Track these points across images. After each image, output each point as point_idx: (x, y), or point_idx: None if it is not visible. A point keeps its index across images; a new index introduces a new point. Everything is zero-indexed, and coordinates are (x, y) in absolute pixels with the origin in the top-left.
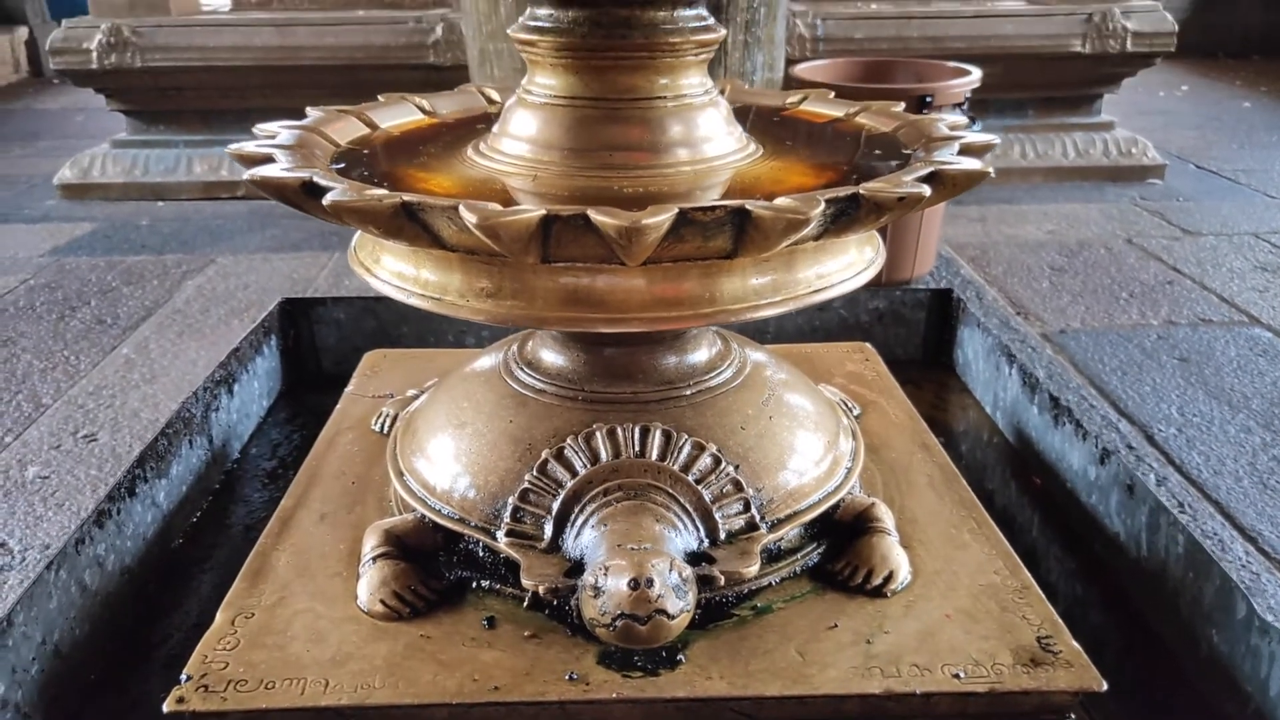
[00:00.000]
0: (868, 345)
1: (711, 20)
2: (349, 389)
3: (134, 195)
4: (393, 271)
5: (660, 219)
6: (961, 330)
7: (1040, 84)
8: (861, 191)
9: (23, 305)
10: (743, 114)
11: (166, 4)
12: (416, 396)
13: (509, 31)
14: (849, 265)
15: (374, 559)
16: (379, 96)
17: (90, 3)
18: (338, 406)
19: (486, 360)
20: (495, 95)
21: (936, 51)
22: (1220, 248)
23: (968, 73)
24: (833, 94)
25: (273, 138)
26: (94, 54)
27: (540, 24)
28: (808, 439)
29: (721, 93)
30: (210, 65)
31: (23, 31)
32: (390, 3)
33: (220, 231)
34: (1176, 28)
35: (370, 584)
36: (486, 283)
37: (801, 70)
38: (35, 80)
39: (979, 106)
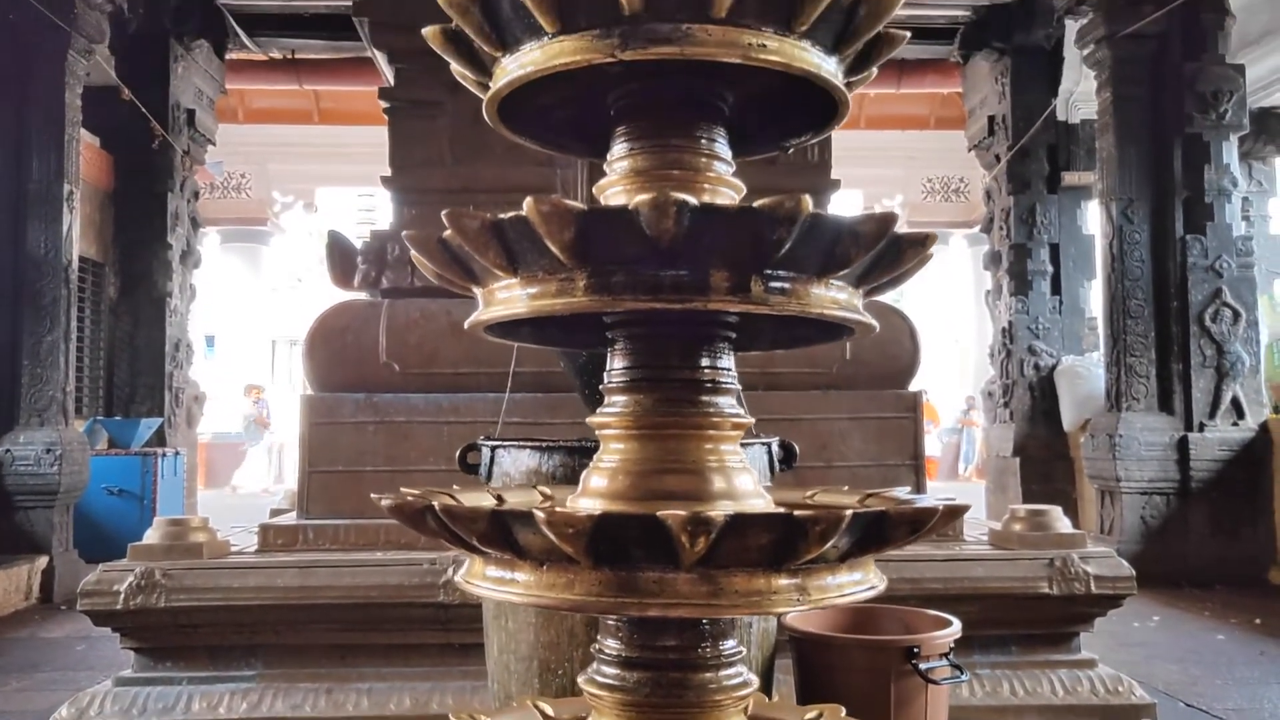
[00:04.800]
0: None
1: (747, 673)
2: None
3: None
4: None
5: None
6: None
7: (1018, 621)
8: None
9: None
10: None
11: (200, 548)
12: None
13: (580, 682)
14: None
15: None
16: None
17: (129, 549)
18: None
19: None
20: (549, 709)
21: (916, 592)
22: None
23: (949, 623)
24: (843, 710)
25: None
26: (122, 595)
27: (607, 680)
28: None
29: None
30: (230, 605)
31: (43, 560)
32: (405, 543)
33: None
34: (1134, 573)
35: None
36: None
37: (793, 620)
38: (43, 606)
39: (965, 642)
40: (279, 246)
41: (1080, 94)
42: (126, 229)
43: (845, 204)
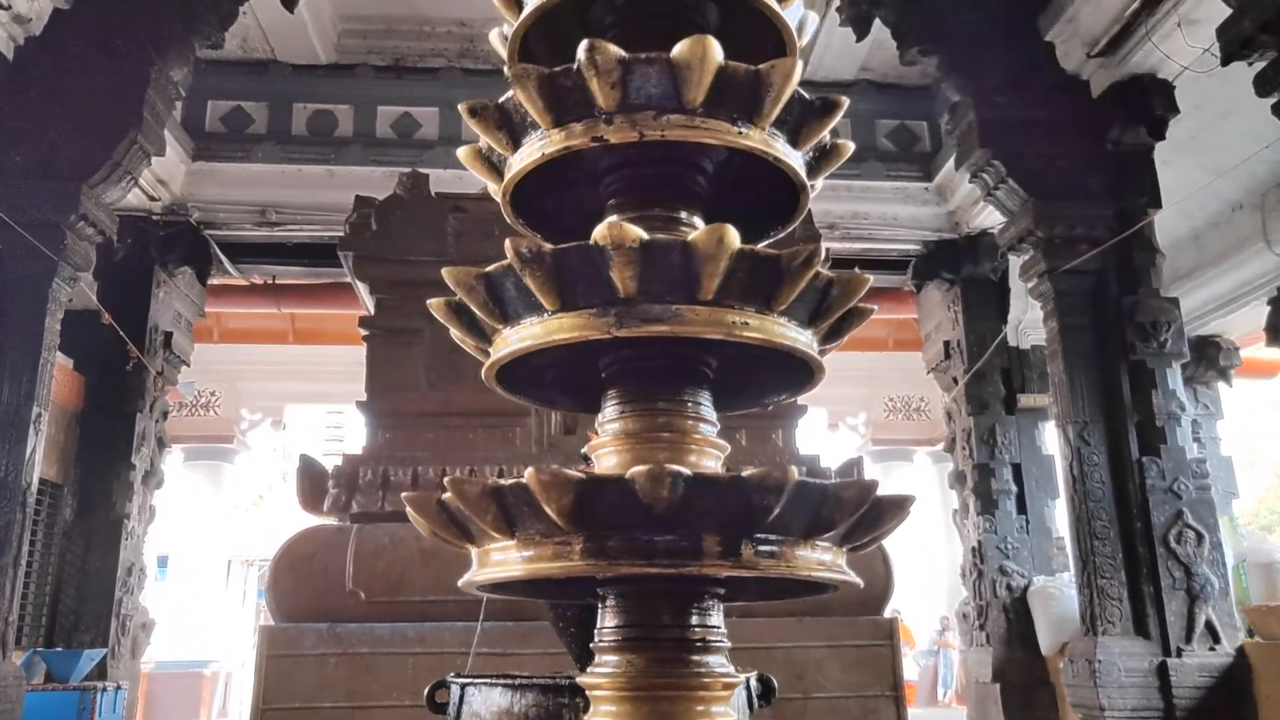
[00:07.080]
0: None
1: None
2: None
3: None
4: None
5: None
6: None
7: None
8: None
9: None
10: None
11: None
12: None
13: None
14: None
15: None
16: None
17: None
18: None
19: None
20: None
21: None
22: None
23: None
24: None
25: None
26: None
27: None
28: None
29: None
30: None
31: None
32: None
33: None
34: None
35: None
36: None
37: None
38: None
39: None
40: (242, 464)
41: (1029, 321)
42: (89, 450)
43: (810, 422)
